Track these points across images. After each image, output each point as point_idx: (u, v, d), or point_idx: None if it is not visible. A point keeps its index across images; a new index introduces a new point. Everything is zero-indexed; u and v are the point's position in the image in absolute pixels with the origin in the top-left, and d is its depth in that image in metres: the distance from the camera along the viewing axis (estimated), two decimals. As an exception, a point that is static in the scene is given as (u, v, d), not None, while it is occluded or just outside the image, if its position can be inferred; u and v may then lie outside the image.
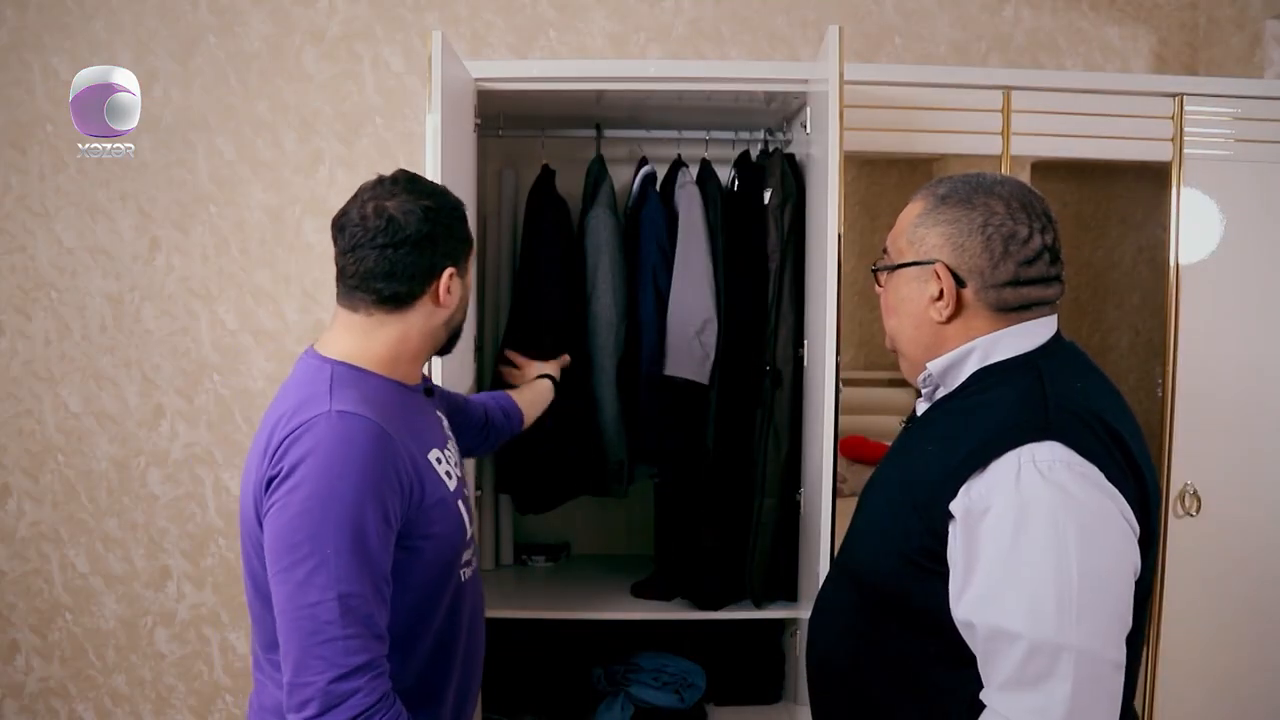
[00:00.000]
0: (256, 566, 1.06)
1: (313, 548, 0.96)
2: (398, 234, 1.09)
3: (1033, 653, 0.85)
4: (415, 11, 2.45)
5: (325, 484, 0.98)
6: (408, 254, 1.10)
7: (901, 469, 1.07)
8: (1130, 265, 2.40)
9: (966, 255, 1.01)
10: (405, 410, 1.13)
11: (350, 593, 0.96)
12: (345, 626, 0.95)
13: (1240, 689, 2.17)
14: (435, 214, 1.12)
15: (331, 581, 0.95)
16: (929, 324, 1.05)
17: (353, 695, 0.95)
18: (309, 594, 0.96)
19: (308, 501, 0.97)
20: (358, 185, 1.21)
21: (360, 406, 1.04)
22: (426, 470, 1.11)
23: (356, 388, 1.07)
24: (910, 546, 0.97)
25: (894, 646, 1.01)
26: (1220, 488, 2.12)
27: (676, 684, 2.10)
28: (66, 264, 2.44)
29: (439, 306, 1.15)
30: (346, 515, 0.97)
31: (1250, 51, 2.37)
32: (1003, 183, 1.03)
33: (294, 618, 0.96)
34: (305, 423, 1.01)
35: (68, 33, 2.41)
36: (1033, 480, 0.89)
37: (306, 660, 0.95)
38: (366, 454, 1.00)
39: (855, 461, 2.23)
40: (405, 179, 1.14)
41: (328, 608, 0.95)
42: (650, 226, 2.03)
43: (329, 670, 0.94)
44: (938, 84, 2.08)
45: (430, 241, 1.11)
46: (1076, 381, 0.99)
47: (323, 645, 0.95)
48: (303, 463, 0.99)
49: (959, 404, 1.03)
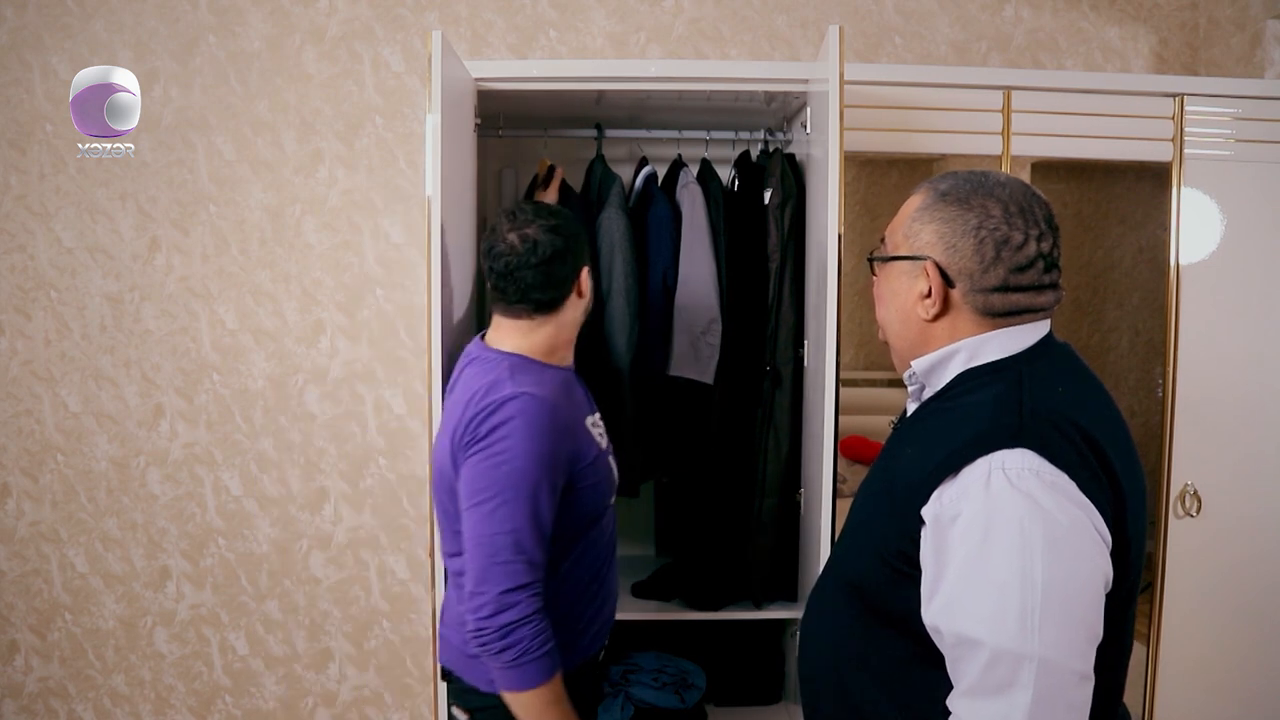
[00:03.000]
0: (449, 505, 1.38)
1: (497, 492, 1.26)
2: (544, 254, 1.37)
3: (995, 661, 0.85)
4: (415, 11, 2.45)
5: (513, 446, 1.27)
6: (556, 267, 1.39)
7: (885, 470, 1.06)
8: (1130, 265, 2.41)
9: (957, 256, 1.00)
10: (566, 387, 1.43)
11: (520, 528, 1.26)
12: (515, 554, 1.26)
13: (1240, 689, 2.17)
14: (564, 230, 1.40)
15: (508, 519, 1.26)
16: (915, 320, 1.04)
17: (516, 604, 1.25)
18: (491, 525, 1.26)
19: (499, 458, 1.27)
20: (357, 184, 1.24)
21: (535, 388, 1.32)
22: (583, 434, 1.40)
23: (529, 373, 1.36)
24: (889, 549, 0.97)
25: (874, 647, 1.01)
26: (1221, 488, 2.12)
27: (676, 684, 2.10)
28: (66, 264, 2.44)
29: (581, 298, 1.45)
30: (525, 473, 1.27)
31: (1250, 51, 2.37)
32: (1005, 184, 1.01)
33: (477, 542, 1.27)
34: (497, 400, 1.30)
35: (67, 32, 2.41)
36: (1001, 488, 0.88)
37: (485, 575, 1.26)
38: (544, 426, 1.29)
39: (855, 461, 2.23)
40: (531, 208, 1.41)
41: (503, 539, 1.25)
42: (660, 227, 2.02)
43: (502, 583, 1.25)
44: (938, 84, 2.07)
45: (567, 253, 1.40)
46: (1059, 386, 0.98)
47: (497, 566, 1.25)
48: (497, 429, 1.28)
49: (940, 405, 1.03)
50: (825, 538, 1.67)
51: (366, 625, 2.53)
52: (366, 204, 2.44)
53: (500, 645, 1.24)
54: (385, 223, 2.46)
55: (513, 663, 1.25)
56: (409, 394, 2.49)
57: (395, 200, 2.45)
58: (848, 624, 1.05)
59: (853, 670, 1.04)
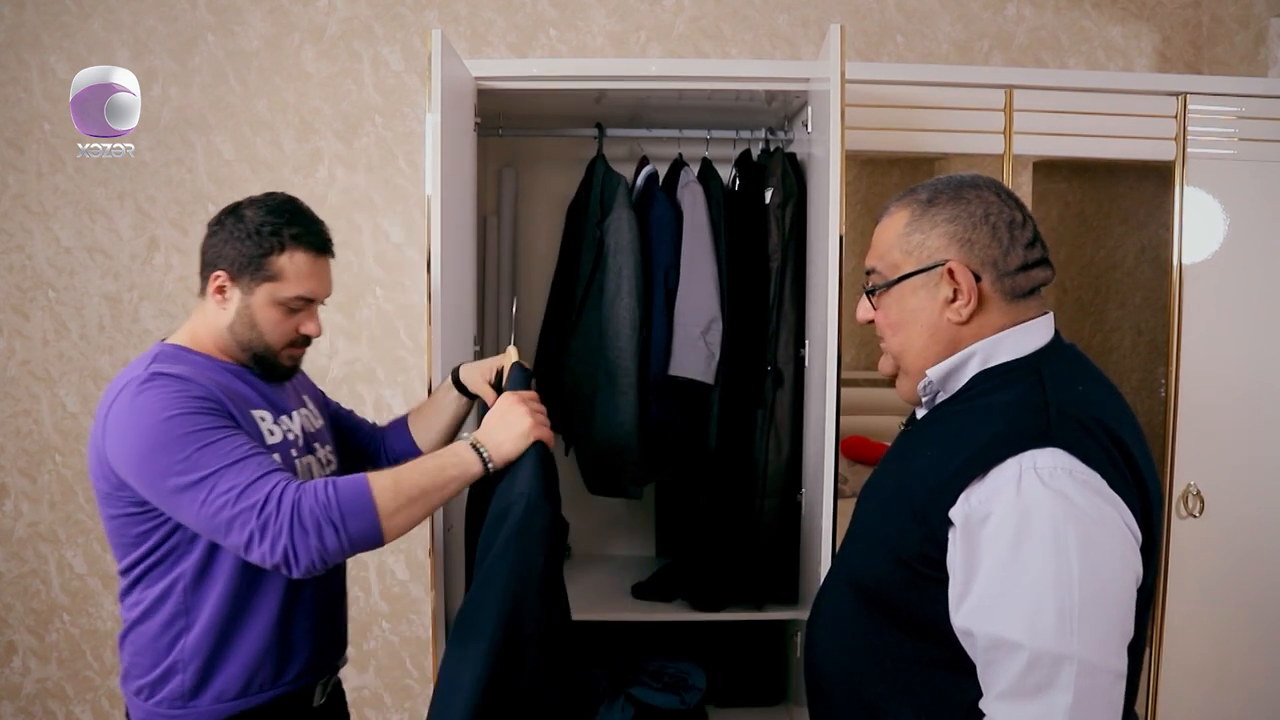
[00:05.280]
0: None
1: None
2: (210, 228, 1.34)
3: (1033, 663, 0.84)
4: (415, 10, 2.45)
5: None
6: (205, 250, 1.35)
7: (900, 473, 1.05)
8: (1133, 265, 2.40)
9: (977, 248, 0.99)
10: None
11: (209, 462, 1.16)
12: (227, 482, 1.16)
13: (1242, 689, 2.16)
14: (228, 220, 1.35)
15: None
16: (946, 329, 1.02)
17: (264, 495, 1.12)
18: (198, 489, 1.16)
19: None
20: (356, 183, 1.23)
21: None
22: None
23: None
24: (909, 552, 0.96)
25: (893, 652, 1.00)
26: (1223, 488, 2.12)
27: (677, 685, 2.09)
28: (64, 263, 2.43)
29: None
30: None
31: (1254, 50, 2.36)
32: (976, 177, 1.03)
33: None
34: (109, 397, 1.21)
35: (66, 31, 2.40)
36: (1034, 488, 0.87)
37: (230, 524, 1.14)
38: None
39: (856, 462, 2.22)
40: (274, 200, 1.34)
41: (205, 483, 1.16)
42: (661, 227, 2.01)
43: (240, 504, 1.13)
44: (939, 83, 2.07)
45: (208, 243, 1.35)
46: (1078, 385, 0.97)
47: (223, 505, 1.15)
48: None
49: (959, 407, 1.01)
50: (826, 538, 1.66)
51: (366, 626, 2.53)
52: (366, 203, 2.43)
53: (305, 533, 1.09)
54: (385, 222, 2.45)
55: (333, 528, 1.10)
56: (409, 394, 2.48)
57: (395, 200, 2.44)
58: (863, 627, 1.04)
59: (869, 673, 1.02)
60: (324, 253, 1.35)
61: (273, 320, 1.28)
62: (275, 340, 1.30)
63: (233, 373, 1.29)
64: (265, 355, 1.30)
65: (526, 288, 2.32)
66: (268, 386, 1.33)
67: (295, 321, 1.31)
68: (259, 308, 1.27)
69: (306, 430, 1.37)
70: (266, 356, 1.30)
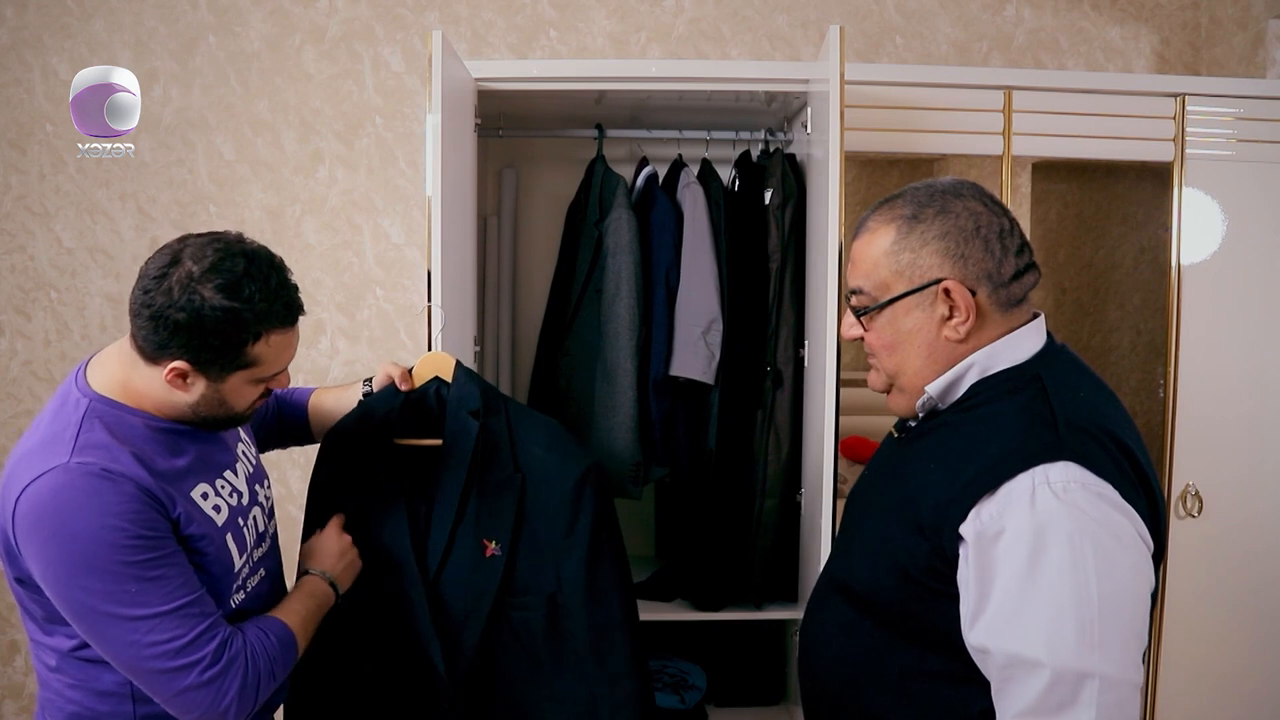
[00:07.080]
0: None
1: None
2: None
3: (1055, 681, 0.83)
4: (415, 11, 2.45)
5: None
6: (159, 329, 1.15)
7: (900, 486, 1.02)
8: (1132, 266, 2.40)
9: (971, 263, 0.97)
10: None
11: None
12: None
13: (1241, 689, 2.17)
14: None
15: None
16: (944, 347, 1.00)
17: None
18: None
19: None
20: (357, 184, 1.20)
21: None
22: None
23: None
24: (915, 567, 0.95)
25: (895, 664, 0.99)
26: (1222, 488, 2.12)
27: (677, 685, 2.09)
28: (66, 264, 2.44)
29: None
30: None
31: (1253, 51, 2.36)
32: (957, 183, 1.01)
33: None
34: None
35: (67, 32, 2.41)
36: (1048, 502, 0.86)
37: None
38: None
39: (855, 462, 2.22)
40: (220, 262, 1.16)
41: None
42: (661, 227, 2.01)
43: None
44: (939, 84, 2.07)
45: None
46: (1080, 392, 0.96)
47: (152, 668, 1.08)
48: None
49: (960, 417, 1.00)
50: (825, 538, 1.67)
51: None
52: (366, 204, 2.44)
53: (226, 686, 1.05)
54: (385, 223, 2.45)
55: (271, 681, 1.11)
56: (409, 394, 2.48)
57: (395, 200, 2.45)
58: (863, 636, 1.03)
59: (870, 683, 1.01)
60: (297, 321, 1.20)
61: (246, 396, 1.16)
62: (244, 408, 1.18)
63: (171, 434, 1.14)
64: (228, 421, 1.19)
65: (526, 288, 2.33)
66: (207, 437, 1.19)
67: (267, 385, 1.19)
68: (231, 391, 1.14)
69: (248, 475, 1.27)
70: (228, 422, 1.19)
